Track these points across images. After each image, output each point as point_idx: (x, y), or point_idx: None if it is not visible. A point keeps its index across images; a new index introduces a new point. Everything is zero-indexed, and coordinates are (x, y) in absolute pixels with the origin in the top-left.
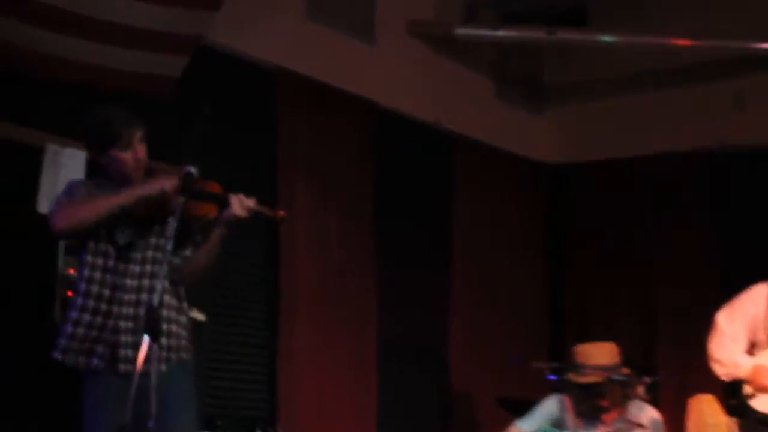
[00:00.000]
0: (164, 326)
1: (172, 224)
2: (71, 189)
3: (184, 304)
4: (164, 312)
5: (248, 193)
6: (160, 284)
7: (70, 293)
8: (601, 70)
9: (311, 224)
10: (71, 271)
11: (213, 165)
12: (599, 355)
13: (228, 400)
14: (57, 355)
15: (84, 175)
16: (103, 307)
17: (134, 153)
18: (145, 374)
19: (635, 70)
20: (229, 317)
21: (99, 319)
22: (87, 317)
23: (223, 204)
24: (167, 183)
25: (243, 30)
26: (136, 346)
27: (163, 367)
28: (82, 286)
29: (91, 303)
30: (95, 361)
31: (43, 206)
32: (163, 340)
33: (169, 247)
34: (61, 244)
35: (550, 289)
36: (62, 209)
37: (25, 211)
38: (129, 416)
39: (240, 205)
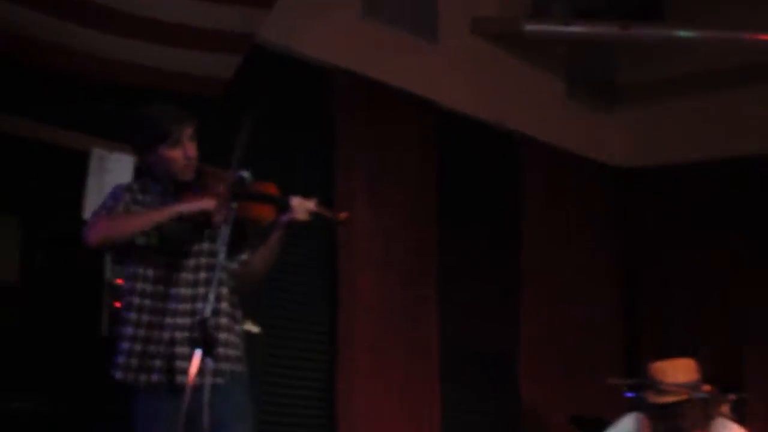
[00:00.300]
0: (220, 335)
1: (225, 231)
2: (114, 196)
3: (239, 313)
4: (221, 320)
5: (306, 190)
6: (213, 292)
7: (117, 304)
8: (677, 68)
9: (370, 229)
10: (119, 282)
11: (267, 167)
12: (677, 372)
13: (284, 417)
14: (118, 375)
15: (130, 180)
16: (157, 320)
17: (184, 151)
18: (198, 388)
19: (714, 68)
20: (284, 329)
21: (156, 333)
22: (142, 332)
23: (282, 206)
24: (208, 203)
25: (297, 28)
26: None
27: (219, 380)
28: (134, 299)
29: (144, 318)
30: (155, 377)
31: (89, 213)
32: (220, 350)
33: (223, 254)
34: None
35: (626, 299)
36: (97, 222)
37: (71, 217)
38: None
39: (300, 207)
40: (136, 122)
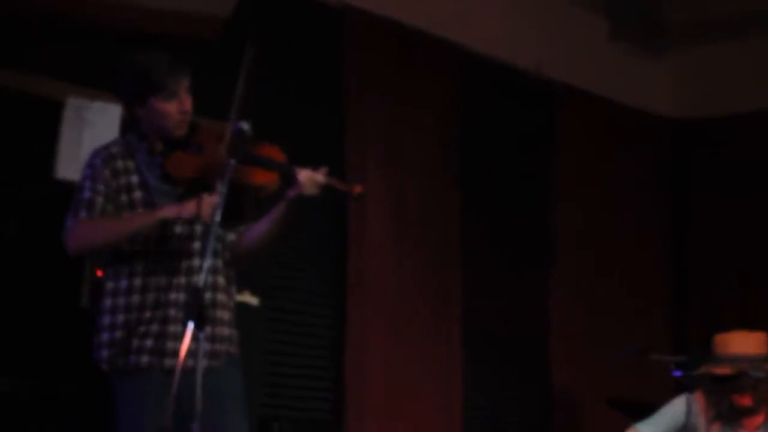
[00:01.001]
0: (217, 313)
1: (221, 191)
2: (92, 178)
3: (233, 288)
4: (217, 295)
5: (311, 154)
6: (208, 262)
7: (100, 273)
8: (734, 6)
9: (385, 194)
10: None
11: (269, 123)
12: (741, 344)
13: (287, 400)
14: (102, 354)
15: (117, 133)
16: (150, 297)
17: (180, 104)
18: (190, 370)
19: None
20: (287, 302)
21: (147, 314)
22: (134, 315)
23: (289, 177)
24: (188, 210)
25: None
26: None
27: (215, 362)
28: (121, 269)
29: (136, 298)
30: (145, 359)
31: (64, 171)
32: (217, 329)
33: (218, 218)
34: None
35: (673, 268)
36: (77, 229)
37: (42, 178)
38: (170, 417)
39: (309, 180)
40: (128, 70)
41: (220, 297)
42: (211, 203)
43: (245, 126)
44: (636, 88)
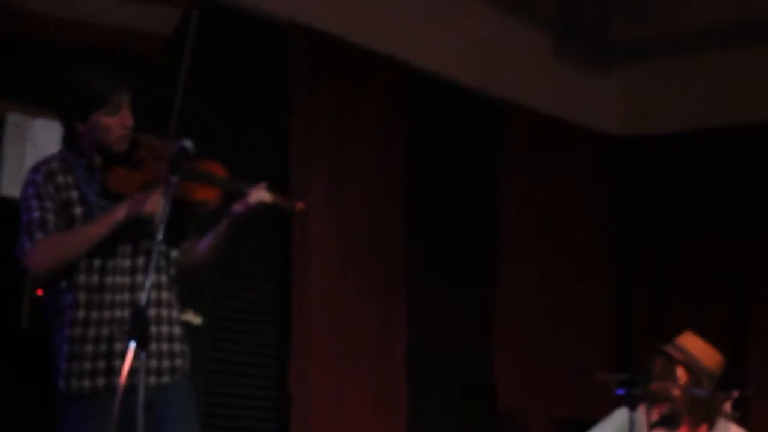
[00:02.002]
0: (164, 329)
1: (164, 209)
2: (37, 197)
3: (178, 304)
4: (164, 312)
5: (255, 171)
6: (150, 279)
7: (40, 292)
8: (680, 22)
9: (329, 212)
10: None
11: (211, 141)
12: (693, 344)
13: (231, 420)
14: (60, 384)
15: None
16: (94, 315)
17: (122, 119)
18: (132, 388)
19: (723, 22)
20: (230, 321)
21: (92, 331)
22: (78, 330)
23: (232, 192)
24: (141, 206)
25: None
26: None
27: (165, 379)
28: (68, 296)
29: (81, 314)
30: (101, 380)
31: (7, 188)
32: (163, 346)
33: (159, 236)
34: None
35: (618, 285)
36: (35, 251)
37: None
38: None
39: (253, 196)
40: (70, 84)
41: (166, 313)
42: (159, 197)
43: (188, 144)
44: (581, 105)
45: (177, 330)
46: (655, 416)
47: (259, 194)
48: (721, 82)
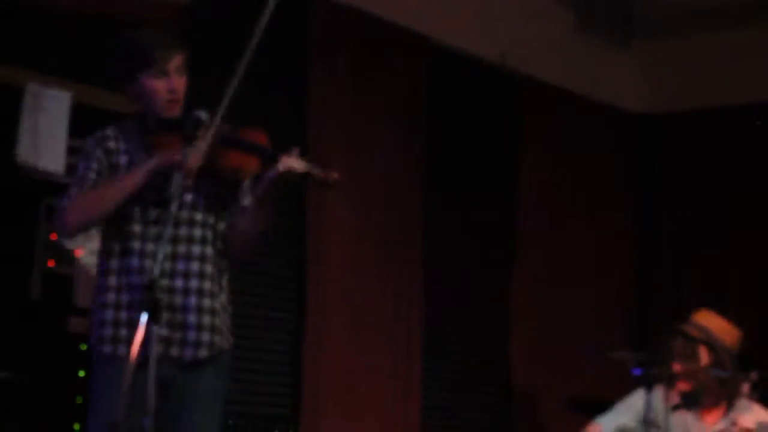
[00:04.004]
0: (203, 301)
1: (177, 180)
2: (86, 157)
3: (225, 279)
4: (205, 284)
5: (273, 141)
6: (163, 249)
7: (51, 263)
8: None
9: (345, 186)
10: (53, 237)
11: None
12: (710, 321)
13: (243, 395)
14: (95, 345)
15: (66, 120)
16: (129, 280)
17: (169, 82)
18: (167, 360)
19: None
20: (245, 296)
21: (125, 297)
22: (112, 297)
23: (269, 158)
24: (170, 156)
25: None
26: (169, 325)
27: (203, 352)
28: (103, 261)
29: (114, 281)
30: (122, 348)
31: (25, 156)
32: (205, 318)
33: (173, 207)
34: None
35: (639, 266)
36: (70, 205)
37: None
38: (122, 410)
39: (289, 163)
40: (117, 46)
41: (208, 286)
42: (192, 150)
43: (202, 115)
44: (602, 81)
45: (218, 305)
46: (675, 399)
47: (291, 161)
48: (742, 60)
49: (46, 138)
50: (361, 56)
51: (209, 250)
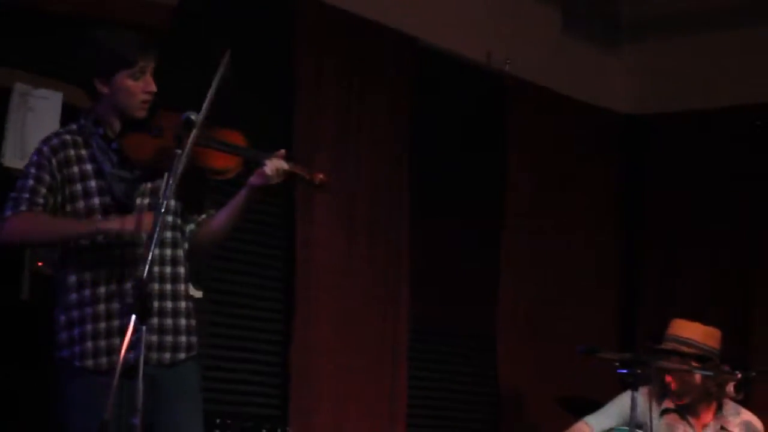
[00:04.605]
0: (180, 303)
1: (167, 182)
2: (37, 166)
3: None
4: (180, 286)
5: (261, 139)
6: (151, 253)
7: (40, 264)
8: (691, 0)
9: (334, 183)
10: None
11: (218, 109)
12: (697, 333)
13: (230, 395)
14: (61, 355)
15: (57, 121)
16: (101, 291)
17: (146, 84)
18: (134, 367)
19: (734, 1)
20: (231, 295)
21: (101, 307)
22: (87, 309)
23: (252, 162)
24: (133, 221)
25: None
26: (147, 329)
27: (167, 355)
28: (72, 259)
29: (86, 291)
30: (103, 359)
31: (10, 158)
32: (167, 321)
33: (163, 208)
34: None
35: (624, 266)
36: (13, 220)
37: None
38: (111, 411)
39: (274, 166)
40: (95, 42)
41: (180, 288)
42: (151, 218)
43: (193, 116)
44: (589, 82)
45: (183, 305)
46: (666, 403)
47: (277, 163)
48: (729, 61)
49: (34, 138)
50: (348, 56)
51: (180, 253)
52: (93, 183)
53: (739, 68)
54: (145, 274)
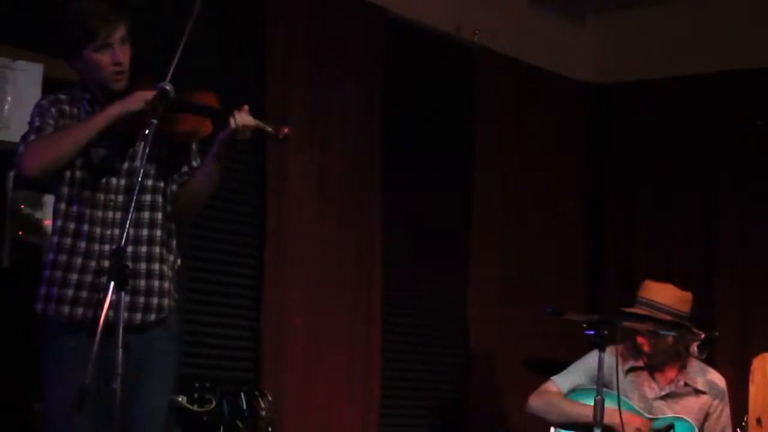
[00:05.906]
0: (153, 266)
1: (143, 148)
2: (40, 113)
3: (174, 242)
4: (155, 249)
5: (229, 103)
6: (131, 217)
7: (21, 233)
8: None
9: (305, 155)
10: (23, 207)
11: (189, 74)
12: (666, 295)
13: (207, 359)
14: (38, 306)
15: (39, 92)
16: (82, 246)
17: (113, 55)
18: (112, 326)
19: None
20: (207, 262)
21: (78, 261)
22: (64, 258)
23: (219, 118)
24: (133, 102)
25: None
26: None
27: (152, 316)
28: (58, 222)
29: (68, 241)
30: (80, 310)
31: None
32: (155, 282)
33: (140, 173)
34: (10, 175)
35: (589, 231)
36: (29, 149)
37: None
38: (92, 374)
39: (240, 120)
40: (63, 19)
41: (157, 250)
42: (149, 92)
43: (168, 87)
44: (557, 52)
45: (167, 269)
46: (630, 361)
47: (242, 117)
48: (695, 31)
49: (14, 110)
50: (319, 25)
51: (159, 216)
52: None
53: (701, 37)
54: (123, 240)
